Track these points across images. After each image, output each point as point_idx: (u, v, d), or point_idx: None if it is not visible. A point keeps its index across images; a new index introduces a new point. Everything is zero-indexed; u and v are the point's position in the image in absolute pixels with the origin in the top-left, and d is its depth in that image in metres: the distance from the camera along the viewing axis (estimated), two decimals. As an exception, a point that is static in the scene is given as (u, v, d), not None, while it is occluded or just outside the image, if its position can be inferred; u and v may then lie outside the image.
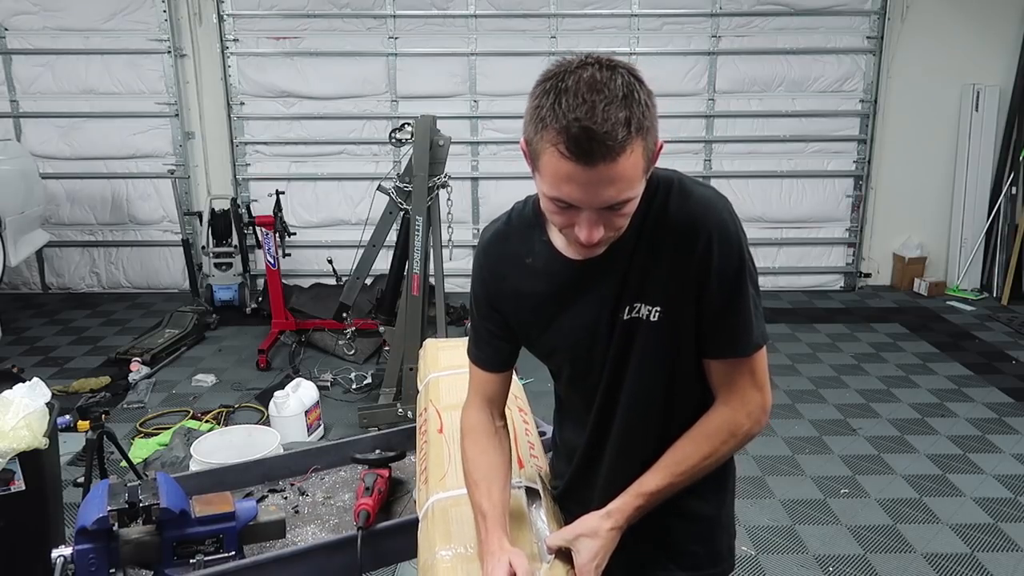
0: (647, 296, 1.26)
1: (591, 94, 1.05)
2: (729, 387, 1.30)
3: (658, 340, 1.27)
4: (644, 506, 1.29)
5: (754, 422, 1.31)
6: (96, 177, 6.38)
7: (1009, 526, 3.20)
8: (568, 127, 1.04)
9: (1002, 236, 6.35)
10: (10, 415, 2.17)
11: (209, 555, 1.61)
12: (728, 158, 6.42)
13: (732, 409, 1.30)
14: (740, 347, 1.27)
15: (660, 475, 1.29)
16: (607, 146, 1.04)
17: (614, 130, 1.04)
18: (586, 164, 1.06)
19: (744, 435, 1.31)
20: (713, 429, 1.30)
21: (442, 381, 1.97)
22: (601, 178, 1.07)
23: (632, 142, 1.06)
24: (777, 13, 6.16)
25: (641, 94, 1.08)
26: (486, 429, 1.45)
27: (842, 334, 5.50)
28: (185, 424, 4.01)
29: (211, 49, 6.19)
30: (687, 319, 1.26)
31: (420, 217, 3.94)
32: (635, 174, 1.10)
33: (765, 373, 1.31)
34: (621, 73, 1.08)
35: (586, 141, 1.04)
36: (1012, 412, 4.25)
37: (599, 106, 1.04)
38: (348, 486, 2.01)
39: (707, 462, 1.30)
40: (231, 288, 5.93)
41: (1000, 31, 6.19)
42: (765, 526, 3.18)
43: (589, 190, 1.09)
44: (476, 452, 1.43)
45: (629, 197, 1.12)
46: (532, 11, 6.13)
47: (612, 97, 1.05)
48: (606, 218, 1.14)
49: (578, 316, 1.31)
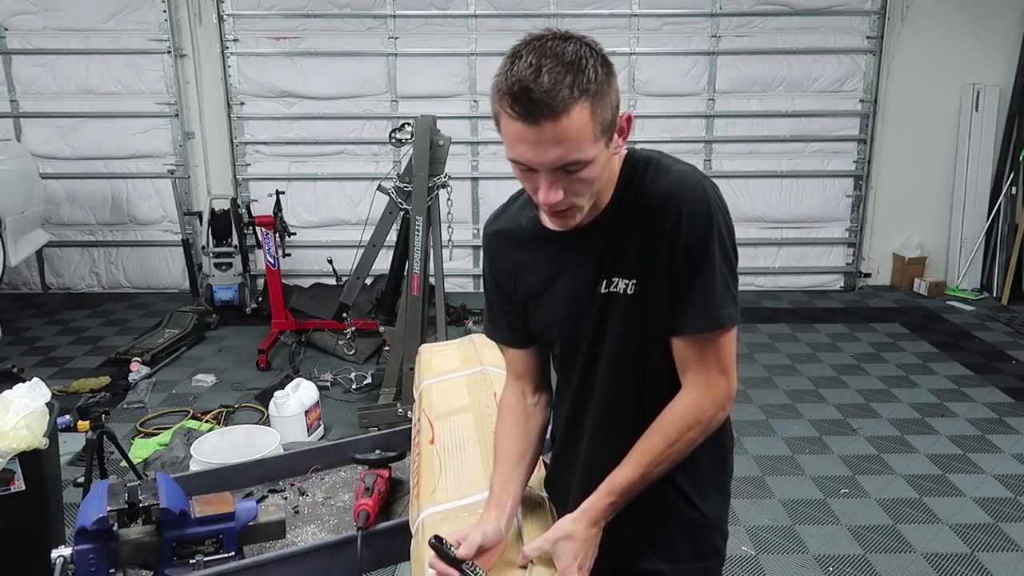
0: (623, 270, 1.28)
1: (539, 59, 1.10)
2: (694, 370, 1.29)
3: (632, 313, 1.29)
4: (617, 502, 1.29)
5: (718, 407, 1.30)
6: (96, 177, 6.38)
7: (1009, 526, 3.20)
8: (512, 87, 1.11)
9: (1002, 236, 6.35)
10: (10, 415, 2.17)
11: (209, 555, 1.62)
12: (728, 158, 6.42)
13: (698, 394, 1.29)
14: (702, 322, 1.26)
15: (628, 468, 1.29)
16: (547, 104, 1.09)
17: (554, 89, 1.09)
18: (530, 122, 1.11)
19: (708, 421, 1.29)
20: (677, 416, 1.29)
21: (434, 389, 1.97)
22: (547, 136, 1.12)
23: (576, 103, 1.10)
24: (777, 13, 6.16)
25: (590, 60, 1.12)
26: (513, 408, 1.50)
27: (842, 334, 5.50)
28: (185, 424, 4.00)
29: (211, 49, 6.19)
30: (660, 293, 1.27)
31: (420, 217, 3.94)
32: (582, 135, 1.12)
33: (731, 357, 1.30)
34: (573, 42, 1.14)
35: (527, 100, 1.09)
36: (1012, 412, 4.25)
37: (544, 69, 1.09)
38: (348, 486, 2.01)
39: (673, 449, 1.29)
40: (231, 288, 5.93)
41: (1000, 31, 6.19)
42: (765, 526, 3.18)
43: (538, 148, 1.13)
44: (499, 431, 1.50)
45: (579, 158, 1.14)
46: (532, 11, 6.13)
47: (558, 62, 1.10)
48: (565, 181, 1.17)
49: (564, 289, 1.35)
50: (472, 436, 1.72)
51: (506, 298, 1.45)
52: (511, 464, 1.44)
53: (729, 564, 2.94)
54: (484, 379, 1.96)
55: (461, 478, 1.58)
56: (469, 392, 1.92)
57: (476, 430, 1.74)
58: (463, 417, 1.81)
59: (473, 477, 1.57)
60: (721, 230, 1.24)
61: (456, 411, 1.84)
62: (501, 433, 1.49)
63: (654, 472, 1.29)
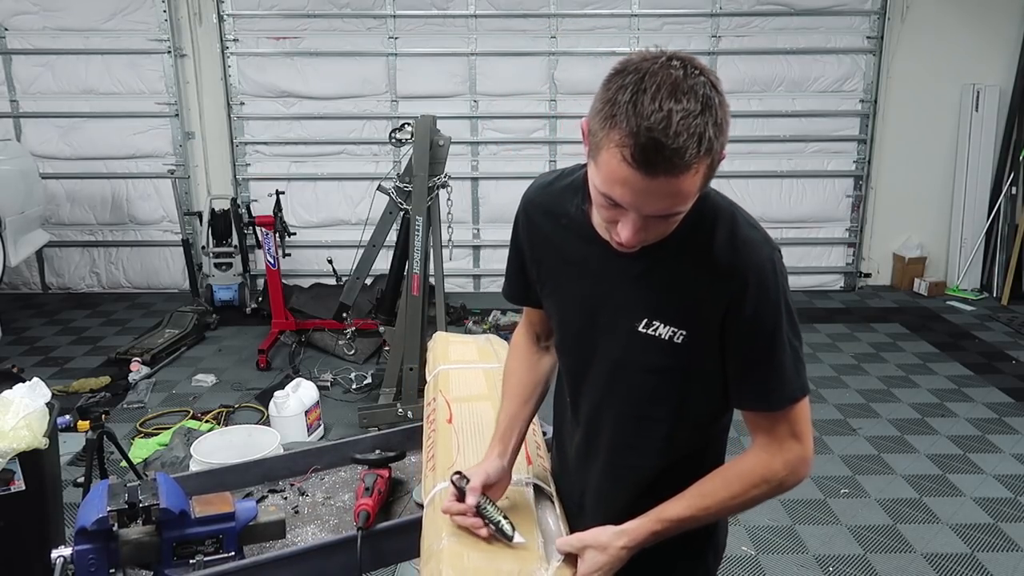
0: (667, 316, 1.22)
1: (669, 102, 0.99)
2: (765, 434, 1.26)
3: (678, 363, 1.24)
4: (661, 532, 1.25)
5: (791, 472, 1.25)
6: (96, 177, 6.38)
7: (1009, 526, 3.20)
8: (638, 134, 0.99)
9: (1002, 236, 6.35)
10: (10, 415, 2.17)
11: (209, 555, 1.61)
12: (728, 158, 6.30)
13: (769, 455, 1.25)
14: (772, 401, 1.23)
15: (683, 504, 1.25)
16: (673, 163, 1.00)
17: (685, 148, 0.99)
18: (647, 174, 1.02)
19: (779, 484, 1.25)
20: (746, 470, 1.26)
21: (452, 374, 1.97)
22: (659, 190, 1.04)
23: (698, 162, 1.02)
24: (777, 13, 6.16)
25: (719, 110, 1.03)
26: (525, 347, 1.54)
27: (842, 334, 5.50)
28: (185, 424, 4.00)
29: (211, 49, 6.19)
30: (710, 353, 1.22)
31: (420, 217, 3.94)
32: (693, 191, 1.07)
33: (806, 424, 1.26)
34: (702, 83, 1.03)
35: (654, 154, 1.00)
36: (1012, 412, 4.25)
37: (675, 118, 0.99)
38: (348, 486, 2.01)
39: (734, 502, 1.26)
40: (231, 288, 5.93)
41: (1000, 31, 6.19)
42: (765, 526, 3.18)
43: (643, 199, 1.05)
44: (510, 367, 1.53)
45: (680, 211, 1.09)
46: (532, 11, 6.13)
47: (690, 111, 1.00)
48: (652, 224, 1.11)
49: (589, 296, 1.30)
50: (491, 424, 1.72)
51: (524, 266, 1.43)
52: (519, 402, 1.46)
53: (729, 564, 2.94)
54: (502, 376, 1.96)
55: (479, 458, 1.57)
56: (487, 384, 1.92)
57: (494, 419, 1.74)
58: (481, 405, 1.81)
59: None
60: (789, 305, 1.21)
61: (474, 398, 1.85)
62: (512, 370, 1.51)
63: (706, 516, 1.26)
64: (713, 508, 1.26)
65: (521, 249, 1.43)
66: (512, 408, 1.46)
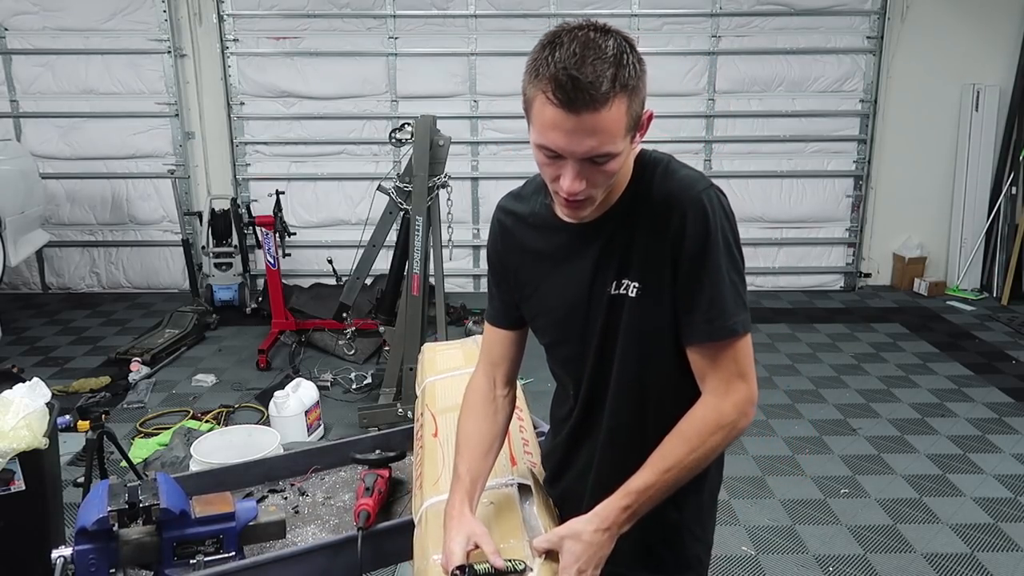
0: (630, 272, 1.28)
1: (582, 49, 1.11)
2: (712, 377, 1.27)
3: (640, 317, 1.29)
4: (632, 506, 1.25)
5: (741, 413, 1.27)
6: (96, 177, 6.38)
7: (1009, 526, 3.20)
8: (556, 74, 1.10)
9: (1002, 236, 6.35)
10: (10, 415, 2.17)
11: (209, 555, 1.61)
12: (728, 158, 6.42)
13: (716, 399, 1.27)
14: (714, 331, 1.25)
15: (646, 473, 1.26)
16: (590, 95, 1.10)
17: (598, 80, 1.10)
18: (570, 110, 1.11)
19: (731, 426, 1.27)
20: (698, 421, 1.27)
21: (439, 385, 1.97)
22: (584, 126, 1.12)
23: (616, 96, 1.11)
24: (777, 13, 6.16)
25: (630, 57, 1.14)
26: (484, 396, 1.50)
27: (842, 334, 5.50)
28: (185, 424, 4.00)
29: (211, 49, 6.19)
30: (665, 298, 1.27)
31: (420, 217, 3.94)
32: (617, 128, 1.14)
33: (749, 362, 1.29)
34: (614, 36, 1.16)
35: (572, 88, 1.10)
36: (1012, 412, 4.25)
37: (588, 59, 1.11)
38: (348, 486, 2.01)
39: (694, 456, 1.26)
40: (231, 288, 5.93)
41: (1000, 31, 6.19)
42: (765, 526, 3.18)
43: (572, 138, 1.13)
44: (465, 418, 1.49)
45: (610, 151, 1.15)
46: (532, 11, 6.13)
47: (601, 54, 1.12)
48: (589, 171, 1.17)
49: (565, 282, 1.35)
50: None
51: (503, 276, 1.46)
52: (480, 454, 1.43)
53: (729, 564, 2.94)
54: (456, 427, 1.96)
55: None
56: None
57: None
58: None
59: None
60: (727, 236, 1.24)
61: (459, 406, 1.85)
62: (470, 420, 1.48)
63: (673, 478, 1.26)
64: (677, 468, 1.26)
65: (496, 262, 1.47)
66: (473, 463, 1.42)
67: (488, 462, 1.44)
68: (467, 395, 1.52)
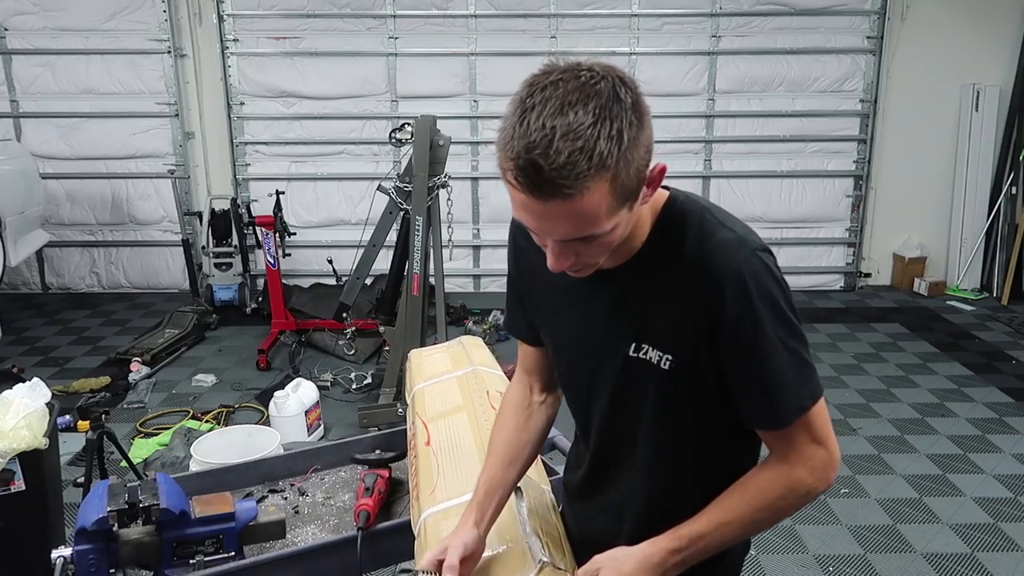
0: (654, 338, 1.15)
1: (553, 118, 0.92)
2: (783, 445, 1.16)
3: (673, 390, 1.16)
4: (682, 551, 1.15)
5: (818, 479, 1.15)
6: (96, 177, 6.38)
7: (1009, 526, 3.20)
8: (518, 157, 0.94)
9: (1002, 236, 6.35)
10: (10, 415, 2.17)
11: (209, 555, 1.62)
12: (728, 158, 6.42)
13: (790, 465, 1.15)
14: (778, 417, 1.12)
15: (701, 521, 1.16)
16: (557, 185, 0.93)
17: (567, 167, 0.92)
18: (537, 198, 0.96)
19: (806, 492, 1.15)
20: (768, 482, 1.16)
21: (427, 392, 1.96)
22: (556, 214, 0.97)
23: (591, 180, 0.93)
24: (777, 13, 6.16)
25: (616, 123, 0.94)
26: (516, 405, 1.42)
27: (842, 334, 5.50)
28: (185, 424, 4.00)
29: (211, 49, 6.19)
30: (705, 372, 1.14)
31: (420, 217, 3.94)
32: (596, 213, 0.97)
33: (826, 427, 1.15)
34: (600, 91, 0.94)
35: (535, 176, 0.94)
36: (1012, 412, 4.25)
37: (557, 135, 0.92)
38: (348, 486, 2.01)
39: (759, 516, 1.16)
40: (231, 288, 5.93)
41: (1000, 31, 6.19)
42: (765, 526, 3.18)
43: (544, 223, 1.00)
44: (497, 427, 1.42)
45: (594, 233, 1.01)
46: (532, 11, 6.13)
47: (576, 125, 0.92)
48: (578, 248, 1.04)
49: (577, 322, 1.25)
50: (467, 434, 1.73)
51: (522, 294, 1.36)
52: (502, 465, 1.36)
53: (729, 564, 2.94)
54: (476, 379, 1.95)
55: (459, 476, 1.58)
56: (461, 392, 1.91)
57: (471, 428, 1.74)
58: (457, 417, 1.81)
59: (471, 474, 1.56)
60: (777, 305, 1.09)
61: (450, 412, 1.84)
62: (499, 428, 1.41)
63: (729, 534, 1.16)
64: (738, 523, 1.16)
65: (515, 279, 1.36)
66: (494, 472, 1.35)
67: (512, 471, 1.36)
68: (501, 405, 1.46)
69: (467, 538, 1.27)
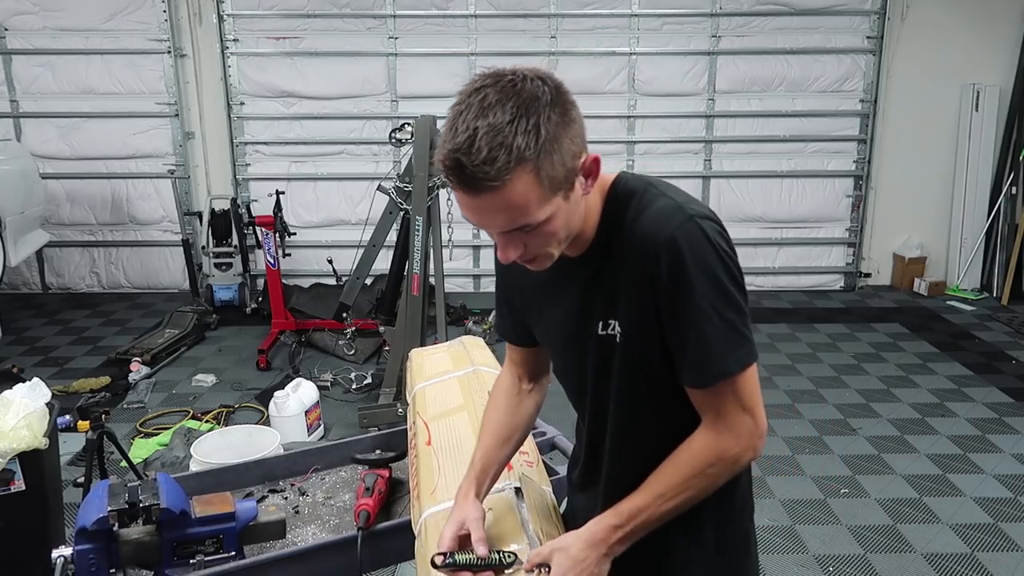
0: (617, 312, 1.21)
1: (476, 120, 1.03)
2: (712, 411, 1.20)
3: (629, 360, 1.23)
4: (623, 527, 1.20)
5: (745, 447, 1.19)
6: (96, 177, 6.38)
7: (1009, 526, 3.20)
8: (446, 159, 1.05)
9: (1002, 236, 6.35)
10: (10, 415, 2.17)
11: (209, 555, 1.62)
12: (728, 158, 6.42)
13: (717, 432, 1.19)
14: (705, 376, 1.17)
15: (639, 495, 1.21)
16: (480, 179, 1.03)
17: (488, 162, 1.02)
18: (468, 193, 1.06)
19: (733, 459, 1.20)
20: (697, 451, 1.20)
21: (428, 391, 1.96)
22: (489, 207, 1.07)
23: (511, 172, 1.03)
24: (777, 13, 6.16)
25: (533, 118, 1.03)
26: (507, 390, 1.49)
27: (842, 334, 5.50)
28: (185, 424, 4.01)
29: (211, 49, 6.19)
30: (652, 339, 1.19)
31: (420, 217, 3.94)
32: (526, 201, 1.06)
33: (754, 396, 1.19)
34: (520, 92, 1.04)
35: (461, 173, 1.04)
36: (1012, 412, 4.25)
37: (479, 135, 1.02)
38: (348, 486, 2.01)
39: (692, 484, 1.20)
40: (231, 288, 5.93)
41: (1000, 31, 6.19)
42: (765, 526, 3.18)
43: (481, 216, 1.09)
44: (488, 411, 1.49)
45: (528, 222, 1.08)
46: (532, 11, 6.13)
47: (496, 124, 1.02)
48: (523, 239, 1.13)
49: (557, 319, 1.32)
50: (468, 434, 1.73)
51: (510, 301, 1.44)
52: (496, 443, 1.42)
53: (729, 564, 2.94)
54: (476, 379, 1.96)
55: (460, 476, 1.57)
56: (462, 392, 1.92)
57: (472, 428, 1.74)
58: (458, 417, 1.81)
59: None
60: (712, 271, 1.13)
61: (451, 412, 1.84)
62: (491, 410, 1.48)
63: (666, 506, 1.20)
64: (670, 493, 1.20)
65: (501, 284, 1.44)
66: (489, 449, 1.41)
67: (504, 451, 1.43)
68: (493, 389, 1.53)
69: (477, 511, 1.33)
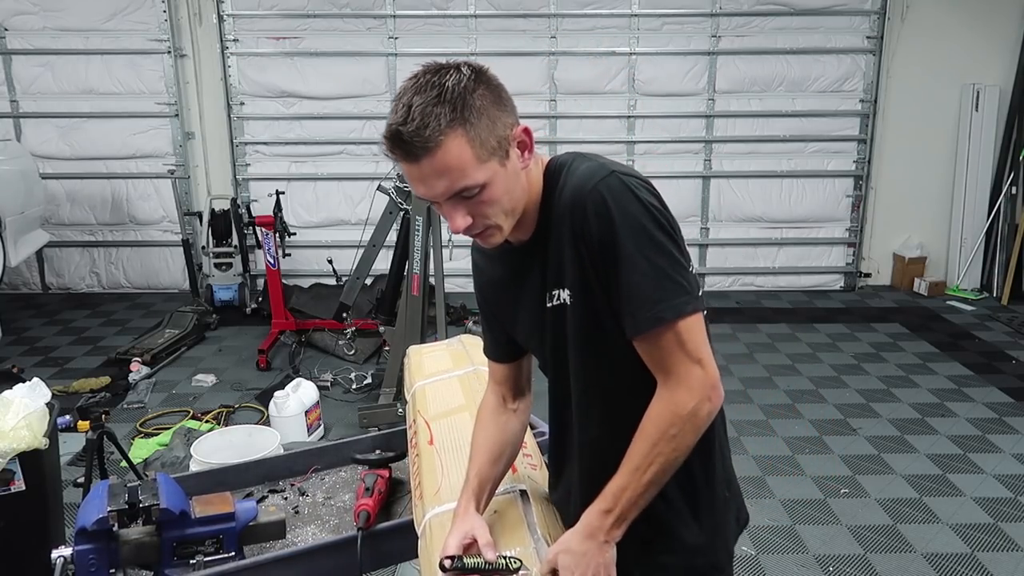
0: (562, 281, 1.26)
1: (411, 99, 1.15)
2: (661, 368, 1.20)
3: (580, 325, 1.26)
4: (614, 509, 1.22)
5: (700, 398, 1.18)
6: (96, 177, 6.38)
7: (1009, 526, 3.20)
8: (387, 133, 1.16)
9: (1002, 236, 6.35)
10: (10, 415, 2.17)
11: (209, 555, 1.61)
12: (728, 158, 6.42)
13: (670, 391, 1.19)
14: (639, 323, 1.18)
15: (619, 475, 1.22)
16: (415, 143, 1.13)
17: (421, 125, 1.12)
18: (408, 161, 1.16)
19: (691, 414, 1.18)
20: (656, 415, 1.20)
21: (428, 389, 1.96)
22: (429, 172, 1.15)
23: (443, 134, 1.12)
24: (777, 13, 6.16)
25: (458, 88, 1.14)
26: (493, 410, 1.52)
27: (842, 334, 5.50)
28: (185, 424, 4.01)
29: (211, 49, 6.19)
30: (598, 299, 1.23)
31: (420, 217, 3.94)
32: (461, 162, 1.14)
33: (699, 344, 1.19)
34: (451, 74, 1.16)
35: (399, 142, 1.14)
36: (1012, 412, 4.25)
37: (413, 108, 1.13)
38: (348, 486, 2.01)
39: (660, 450, 1.19)
40: (231, 288, 5.93)
41: (1000, 31, 6.19)
42: (765, 526, 3.18)
43: (425, 184, 1.17)
44: (477, 429, 1.52)
45: (468, 184, 1.16)
46: (532, 11, 6.13)
47: (426, 98, 1.14)
48: (468, 206, 1.19)
49: (524, 303, 1.35)
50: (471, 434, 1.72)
51: (489, 312, 1.47)
52: (489, 462, 1.44)
53: (729, 564, 2.94)
54: (477, 378, 1.95)
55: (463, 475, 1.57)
56: (463, 391, 1.91)
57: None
58: (460, 416, 1.81)
59: None
60: (637, 219, 1.16)
61: (452, 411, 1.84)
62: (480, 430, 1.50)
63: (645, 478, 1.20)
64: (643, 465, 1.20)
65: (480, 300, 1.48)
66: (483, 466, 1.44)
67: (497, 468, 1.46)
68: (479, 411, 1.54)
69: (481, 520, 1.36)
